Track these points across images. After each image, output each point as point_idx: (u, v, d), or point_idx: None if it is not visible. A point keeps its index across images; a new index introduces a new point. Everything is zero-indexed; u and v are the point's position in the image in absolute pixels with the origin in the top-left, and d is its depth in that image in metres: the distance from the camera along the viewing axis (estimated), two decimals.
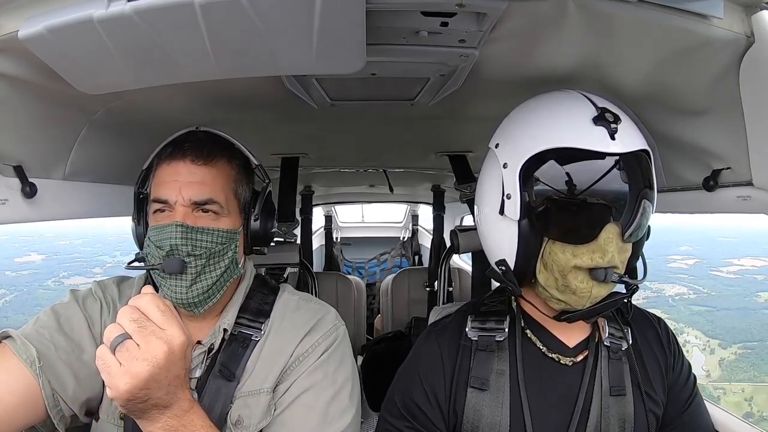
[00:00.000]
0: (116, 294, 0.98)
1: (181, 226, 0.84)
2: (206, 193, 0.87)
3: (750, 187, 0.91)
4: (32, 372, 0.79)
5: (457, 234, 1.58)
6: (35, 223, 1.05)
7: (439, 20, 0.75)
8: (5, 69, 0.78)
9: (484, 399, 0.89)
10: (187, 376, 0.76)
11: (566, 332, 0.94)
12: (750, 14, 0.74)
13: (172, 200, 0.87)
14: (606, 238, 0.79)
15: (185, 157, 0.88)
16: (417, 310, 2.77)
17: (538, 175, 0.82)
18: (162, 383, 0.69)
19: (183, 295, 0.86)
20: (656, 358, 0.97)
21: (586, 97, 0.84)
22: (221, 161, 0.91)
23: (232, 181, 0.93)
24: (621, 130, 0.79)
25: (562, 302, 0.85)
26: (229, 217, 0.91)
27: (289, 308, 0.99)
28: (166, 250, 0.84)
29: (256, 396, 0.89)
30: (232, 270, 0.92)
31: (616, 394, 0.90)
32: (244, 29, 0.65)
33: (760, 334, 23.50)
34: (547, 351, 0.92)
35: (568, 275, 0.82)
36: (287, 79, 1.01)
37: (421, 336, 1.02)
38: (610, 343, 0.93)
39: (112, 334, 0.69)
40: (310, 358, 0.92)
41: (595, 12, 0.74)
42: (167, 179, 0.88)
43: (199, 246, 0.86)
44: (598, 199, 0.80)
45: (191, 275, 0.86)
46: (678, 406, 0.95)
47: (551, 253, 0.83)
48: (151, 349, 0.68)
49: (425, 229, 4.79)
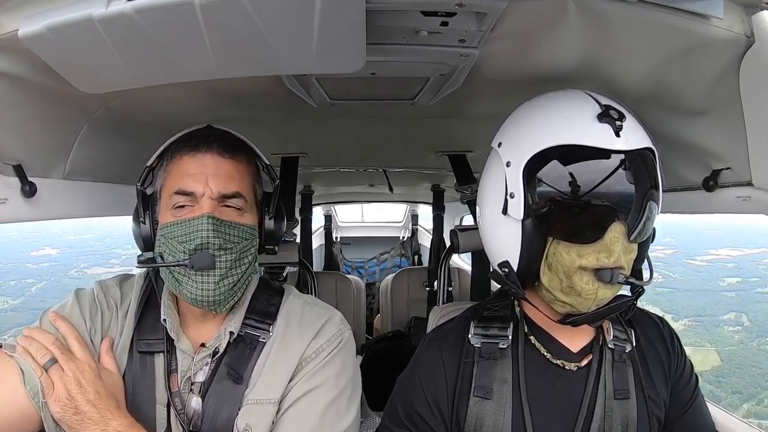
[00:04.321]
0: (118, 296, 0.95)
1: (212, 218, 0.82)
2: (234, 186, 0.86)
3: (750, 188, 0.91)
4: (35, 404, 0.78)
5: (457, 233, 1.58)
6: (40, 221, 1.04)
7: (439, 20, 0.75)
8: (5, 68, 0.78)
9: (486, 407, 0.88)
10: (112, 397, 0.81)
11: (570, 336, 0.92)
12: (750, 14, 0.74)
13: (199, 192, 0.84)
14: (612, 238, 0.78)
15: (212, 149, 0.86)
16: (417, 310, 2.77)
17: (541, 173, 0.80)
18: (88, 397, 0.78)
19: (210, 293, 0.83)
20: (660, 359, 0.96)
21: (590, 96, 0.83)
22: (244, 157, 0.91)
23: (252, 176, 0.93)
24: (626, 128, 0.78)
25: (567, 305, 0.83)
26: (252, 213, 0.91)
27: (294, 312, 0.96)
28: (195, 245, 0.81)
29: (264, 405, 0.86)
30: (253, 267, 0.91)
31: (619, 398, 0.88)
32: (244, 28, 0.65)
33: (711, 310, 25.64)
34: (551, 357, 0.90)
35: (573, 276, 0.80)
36: (287, 79, 1.01)
37: (423, 343, 1.00)
38: (614, 346, 0.92)
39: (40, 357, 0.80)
40: (313, 363, 0.90)
41: (595, 12, 0.74)
42: (192, 171, 0.85)
43: (230, 240, 0.84)
44: (603, 199, 0.79)
45: (221, 270, 0.83)
46: (680, 406, 0.95)
47: (556, 253, 0.81)
48: (72, 368, 0.80)
49: (425, 229, 4.79)
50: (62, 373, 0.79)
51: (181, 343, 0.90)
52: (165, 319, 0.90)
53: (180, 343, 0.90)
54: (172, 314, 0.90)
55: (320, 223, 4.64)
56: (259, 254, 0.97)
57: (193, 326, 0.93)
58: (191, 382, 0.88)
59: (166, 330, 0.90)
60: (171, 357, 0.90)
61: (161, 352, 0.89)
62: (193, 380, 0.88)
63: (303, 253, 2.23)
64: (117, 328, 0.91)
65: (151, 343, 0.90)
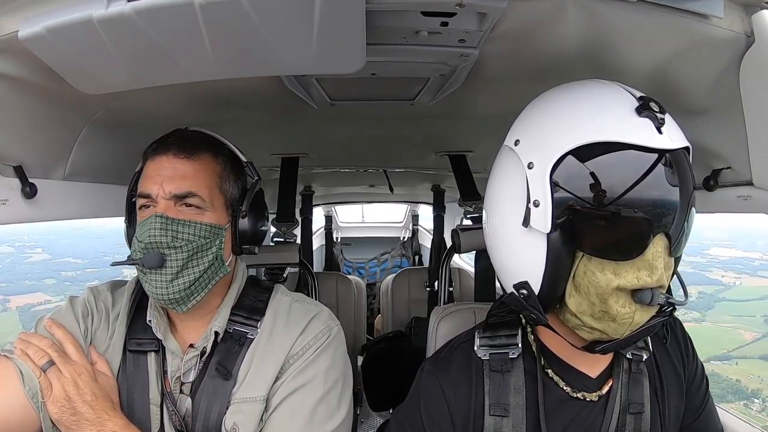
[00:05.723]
0: (110, 301, 0.97)
1: (160, 217, 0.83)
2: (186, 186, 0.86)
3: (750, 187, 0.91)
4: (33, 405, 0.79)
5: (459, 233, 1.58)
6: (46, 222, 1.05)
7: (439, 20, 0.75)
8: (5, 69, 0.78)
9: (503, 424, 0.81)
10: (108, 399, 0.83)
11: (589, 361, 0.82)
12: (750, 14, 0.74)
13: (154, 194, 0.85)
14: (655, 253, 0.66)
15: (168, 152, 0.88)
16: (417, 310, 2.76)
17: (571, 176, 0.68)
18: (85, 398, 0.81)
19: (163, 291, 0.84)
20: (673, 363, 0.88)
21: (621, 87, 0.72)
22: (205, 156, 0.90)
23: (217, 176, 0.91)
24: (668, 123, 0.67)
25: (597, 331, 0.71)
26: (213, 211, 0.89)
27: (281, 310, 0.97)
28: (145, 243, 0.83)
29: (251, 403, 0.87)
30: (216, 267, 0.89)
31: (633, 412, 0.81)
32: (244, 29, 0.65)
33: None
34: (571, 391, 0.81)
35: (608, 299, 0.68)
36: (287, 79, 1.01)
37: (421, 374, 0.90)
38: (631, 355, 0.84)
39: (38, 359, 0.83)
40: (300, 359, 0.90)
41: (595, 11, 0.74)
42: (151, 174, 0.87)
43: (180, 238, 0.84)
44: (644, 207, 0.66)
45: (172, 269, 0.84)
46: (691, 413, 0.89)
47: (587, 272, 0.69)
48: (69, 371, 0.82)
49: (425, 229, 4.79)
50: (60, 375, 0.81)
51: (169, 343, 0.91)
52: (150, 320, 0.92)
53: (168, 343, 0.91)
54: (159, 315, 0.92)
55: (321, 224, 4.64)
56: (239, 254, 0.95)
57: (180, 327, 0.94)
58: (182, 382, 0.89)
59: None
60: (162, 358, 0.91)
61: (152, 351, 0.91)
62: (184, 380, 0.89)
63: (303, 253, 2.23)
64: (108, 331, 0.93)
65: (142, 342, 0.91)
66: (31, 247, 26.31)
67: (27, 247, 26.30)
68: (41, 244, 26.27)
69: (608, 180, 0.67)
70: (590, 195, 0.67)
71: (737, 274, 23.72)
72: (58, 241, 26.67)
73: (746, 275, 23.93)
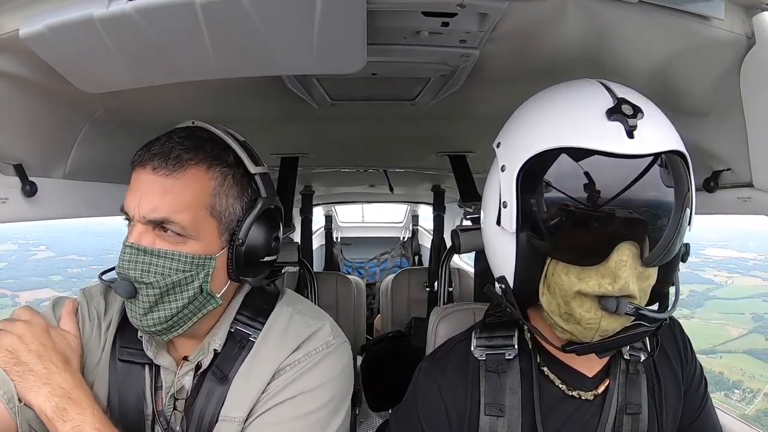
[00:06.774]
0: (102, 308, 0.90)
1: (129, 247, 0.74)
2: (164, 211, 0.74)
3: (750, 189, 0.90)
4: (8, 409, 0.71)
5: (459, 234, 1.58)
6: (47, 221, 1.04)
7: (440, 20, 0.75)
8: (6, 68, 0.78)
9: (498, 424, 0.81)
10: (61, 354, 0.76)
11: (586, 361, 0.82)
12: (751, 15, 0.74)
13: (131, 213, 0.76)
14: (619, 261, 0.65)
15: (147, 165, 0.76)
16: (417, 310, 2.76)
17: (534, 181, 0.70)
18: (30, 347, 0.74)
19: (138, 322, 0.77)
20: (671, 364, 0.88)
21: (603, 86, 0.71)
22: (194, 169, 0.77)
23: (208, 195, 0.77)
24: (643, 126, 0.65)
25: (567, 332, 0.73)
26: (199, 240, 0.77)
27: (279, 322, 0.88)
28: (118, 271, 0.76)
29: (229, 422, 0.80)
30: (201, 301, 0.79)
31: (631, 413, 0.81)
32: (244, 29, 0.65)
33: None
34: (566, 389, 0.81)
35: (571, 302, 0.69)
36: (288, 79, 1.01)
37: (419, 374, 0.89)
38: (629, 356, 0.83)
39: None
40: (286, 375, 0.82)
41: (596, 12, 0.74)
42: (132, 187, 0.77)
43: (151, 272, 0.74)
44: (613, 213, 0.65)
45: (144, 304, 0.75)
46: (689, 414, 0.89)
47: (554, 273, 0.70)
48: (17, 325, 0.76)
49: (425, 229, 4.79)
50: (7, 331, 0.76)
51: (160, 359, 0.85)
52: (141, 336, 0.86)
53: (160, 360, 0.85)
54: None
55: (320, 224, 4.64)
56: (234, 280, 0.84)
57: (175, 341, 0.87)
58: (175, 398, 0.84)
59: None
60: (155, 372, 0.86)
61: (145, 364, 0.85)
62: (177, 397, 0.84)
63: (303, 253, 2.23)
64: (101, 341, 0.87)
65: (133, 353, 0.86)
66: (35, 244, 26.34)
67: (30, 244, 26.33)
68: (44, 242, 26.30)
69: (570, 185, 0.67)
70: (555, 199, 0.68)
71: (730, 273, 23.84)
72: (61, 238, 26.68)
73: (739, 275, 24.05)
